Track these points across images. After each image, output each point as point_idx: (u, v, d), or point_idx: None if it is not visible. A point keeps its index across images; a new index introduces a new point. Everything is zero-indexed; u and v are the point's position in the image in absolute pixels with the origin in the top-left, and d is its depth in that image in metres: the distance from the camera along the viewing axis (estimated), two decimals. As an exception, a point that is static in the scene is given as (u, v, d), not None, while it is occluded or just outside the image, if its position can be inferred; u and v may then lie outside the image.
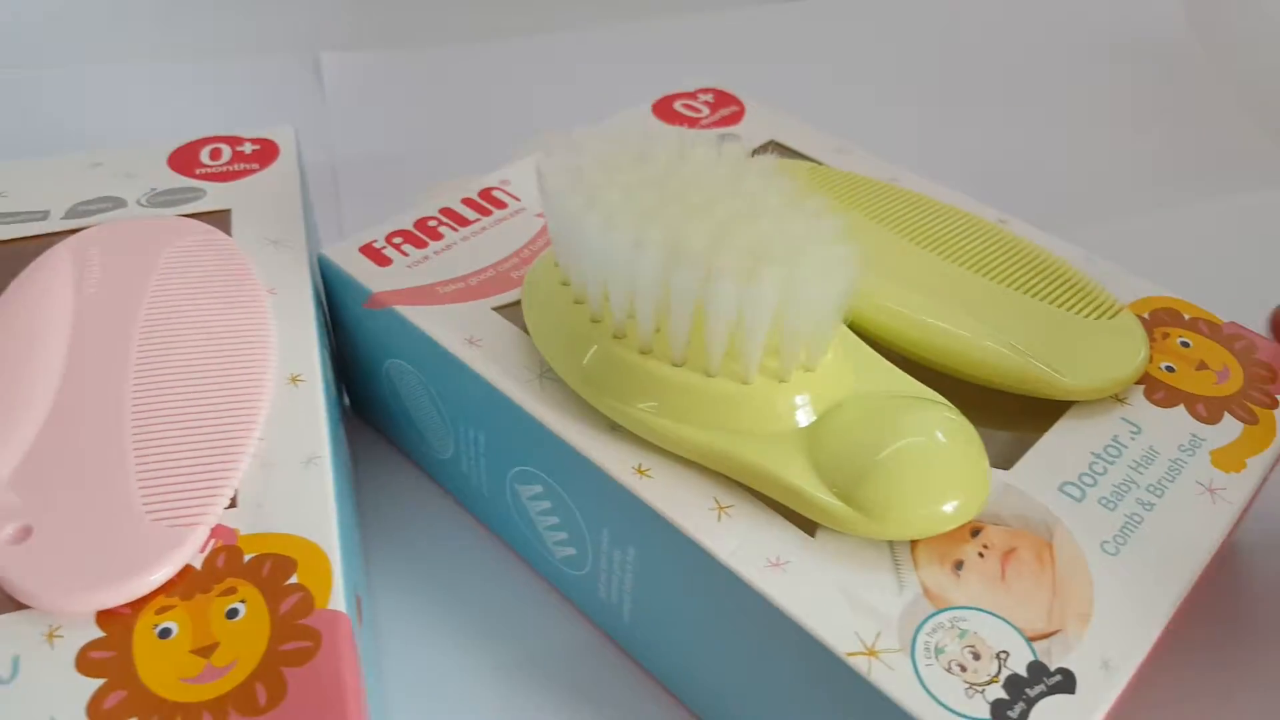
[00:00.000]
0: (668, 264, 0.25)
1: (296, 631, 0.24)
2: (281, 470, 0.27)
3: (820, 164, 0.39)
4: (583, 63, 0.65)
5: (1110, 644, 0.23)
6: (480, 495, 0.34)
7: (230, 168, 0.38)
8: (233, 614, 0.24)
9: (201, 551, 0.25)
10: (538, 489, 0.30)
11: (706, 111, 0.43)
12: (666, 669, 0.30)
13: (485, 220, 0.36)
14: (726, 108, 0.43)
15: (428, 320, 0.31)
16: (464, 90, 0.62)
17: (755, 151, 0.39)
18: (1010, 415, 0.29)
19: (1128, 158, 0.59)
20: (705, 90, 0.44)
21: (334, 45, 0.64)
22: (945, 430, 0.26)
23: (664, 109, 0.43)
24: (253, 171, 0.38)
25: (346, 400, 0.40)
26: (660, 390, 0.27)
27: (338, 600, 0.24)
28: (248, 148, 0.39)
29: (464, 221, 0.35)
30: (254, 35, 0.66)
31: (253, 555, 0.25)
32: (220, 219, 0.36)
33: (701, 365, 0.26)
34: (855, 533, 0.25)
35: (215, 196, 0.37)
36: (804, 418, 0.27)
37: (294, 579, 0.25)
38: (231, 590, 0.24)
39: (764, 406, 0.26)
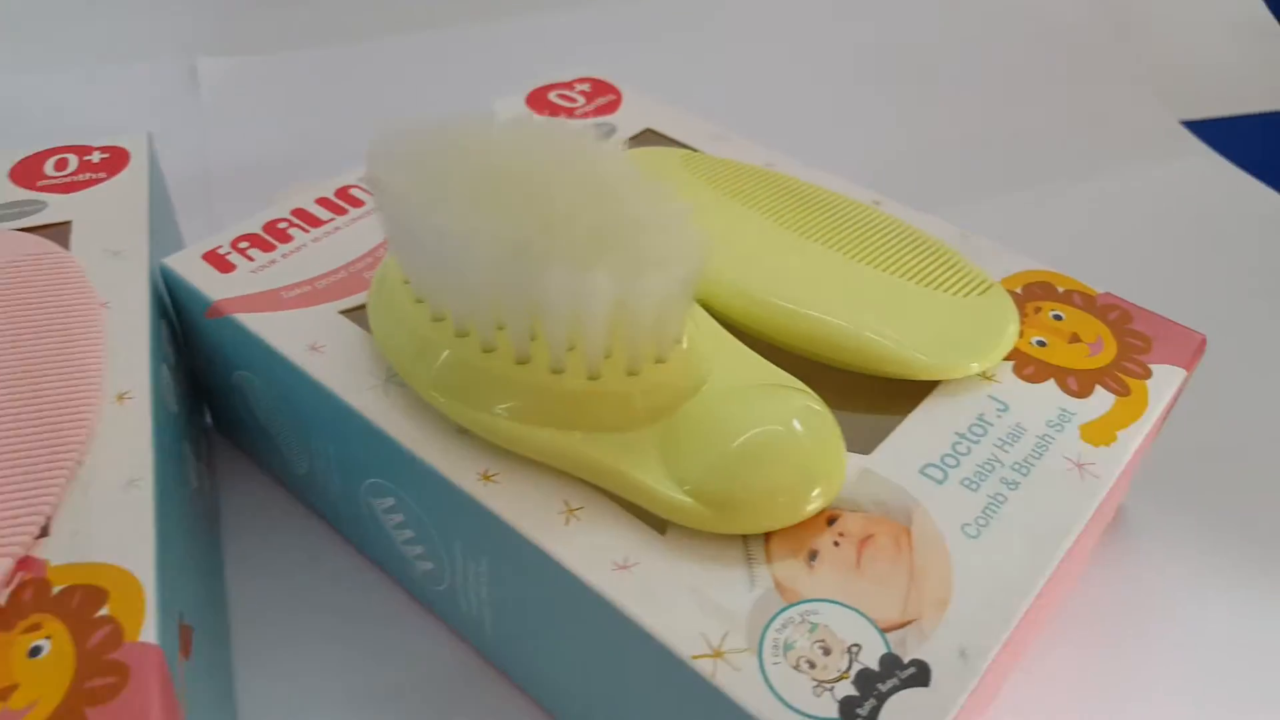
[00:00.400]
0: (500, 255, 0.23)
1: (103, 667, 0.22)
2: (99, 495, 0.25)
3: (695, 150, 0.38)
4: (463, 59, 0.63)
5: (968, 632, 0.22)
6: (339, 510, 0.33)
7: (75, 178, 0.36)
8: (35, 652, 0.22)
9: (5, 587, 0.23)
10: (390, 502, 0.29)
11: (582, 101, 0.42)
12: (533, 681, 0.29)
13: (340, 220, 0.34)
14: (603, 97, 0.42)
15: (268, 328, 0.30)
16: (343, 92, 0.60)
17: (630, 140, 0.39)
18: (875, 398, 0.28)
19: (1010, 135, 0.58)
20: (582, 80, 0.43)
21: (211, 50, 0.62)
22: (799, 417, 0.25)
23: (538, 100, 0.42)
24: (99, 181, 0.36)
25: (209, 417, 0.39)
26: (505, 391, 0.25)
27: (149, 632, 0.23)
28: (96, 156, 0.37)
29: (316, 222, 0.34)
30: (129, 41, 0.64)
31: (62, 587, 0.23)
32: (60, 232, 0.34)
33: (546, 362, 0.25)
34: (705, 529, 0.24)
35: (57, 208, 0.35)
36: (658, 411, 0.25)
37: (104, 611, 0.23)
38: (36, 627, 0.22)
39: (613, 402, 0.25)
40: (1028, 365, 0.29)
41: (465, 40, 0.65)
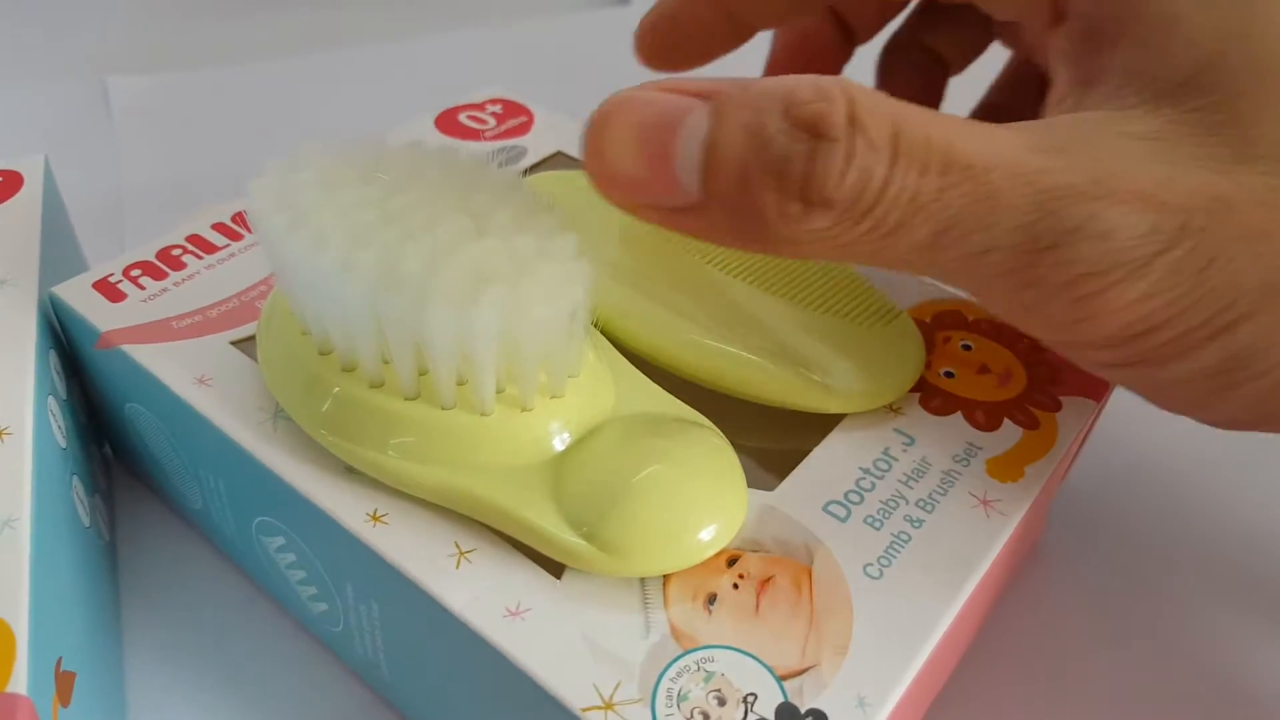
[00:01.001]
0: (378, 289, 0.22)
1: (-34, 720, 0.21)
2: (-32, 538, 0.24)
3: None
4: (376, 77, 0.62)
5: (867, 679, 0.21)
6: (236, 548, 0.31)
7: (-37, 202, 0.35)
8: (-109, 712, 0.21)
9: None
10: (281, 540, 0.28)
11: (493, 123, 0.41)
12: (433, 726, 0.28)
13: (235, 245, 0.33)
14: (515, 118, 0.41)
15: (156, 359, 0.28)
16: (257, 110, 0.59)
17: (539, 163, 0.38)
18: (780, 431, 0.28)
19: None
20: (494, 101, 0.42)
21: (121, 69, 0.61)
22: (698, 453, 0.24)
23: (448, 121, 0.41)
24: (-11, 207, 0.35)
25: (108, 449, 0.37)
26: (393, 427, 0.24)
27: (19, 682, 0.21)
28: (-13, 181, 0.36)
29: (211, 248, 0.33)
30: (36, 60, 0.62)
31: (-74, 636, 0.22)
32: (-57, 259, 0.32)
33: (435, 398, 0.24)
34: (600, 572, 0.23)
35: (-59, 235, 0.33)
36: (553, 447, 0.24)
37: (-29, 660, 0.22)
38: (-108, 684, 0.21)
39: (505, 439, 0.24)
40: (935, 397, 0.28)
41: (379, 59, 0.64)
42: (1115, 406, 0.31)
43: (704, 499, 0.24)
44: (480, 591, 0.23)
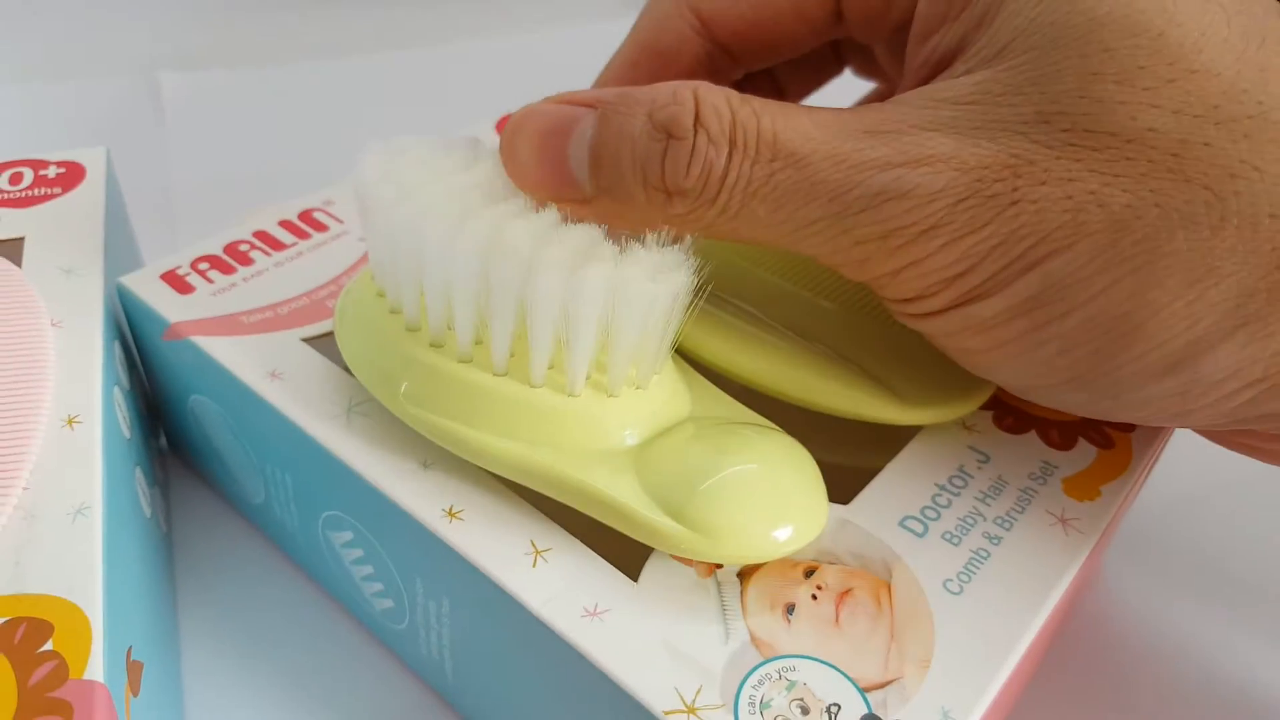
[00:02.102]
0: (487, 255, 0.22)
1: (45, 705, 0.21)
2: (45, 523, 0.24)
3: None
4: (430, 81, 0.63)
5: (951, 692, 0.21)
6: (297, 543, 0.31)
7: (30, 193, 0.35)
8: (-27, 689, 0.21)
9: (-57, 619, 0.22)
10: (349, 535, 0.28)
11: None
12: (493, 729, 0.28)
13: (303, 244, 0.33)
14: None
15: (227, 352, 0.28)
16: (308, 110, 0.59)
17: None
18: (853, 446, 0.27)
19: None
20: (555, 109, 0.42)
21: (173, 65, 0.61)
22: (780, 453, 0.24)
23: (509, 129, 0.41)
24: (54, 196, 0.35)
25: (164, 441, 0.37)
26: (479, 402, 0.24)
27: (95, 669, 0.21)
28: (52, 172, 0.36)
29: (279, 245, 0.33)
30: (90, 56, 0.62)
31: (4, 620, 0.22)
32: (13, 248, 0.32)
33: (524, 375, 0.24)
34: (685, 552, 0.23)
35: (9, 224, 0.33)
36: (633, 437, 0.24)
37: (49, 645, 0.22)
38: (-26, 663, 0.21)
39: (590, 422, 0.24)
40: (1008, 415, 0.28)
41: (430, 63, 0.64)
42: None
43: (789, 495, 0.23)
44: (558, 591, 0.23)
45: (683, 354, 0.28)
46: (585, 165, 0.23)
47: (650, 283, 0.22)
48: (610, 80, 0.31)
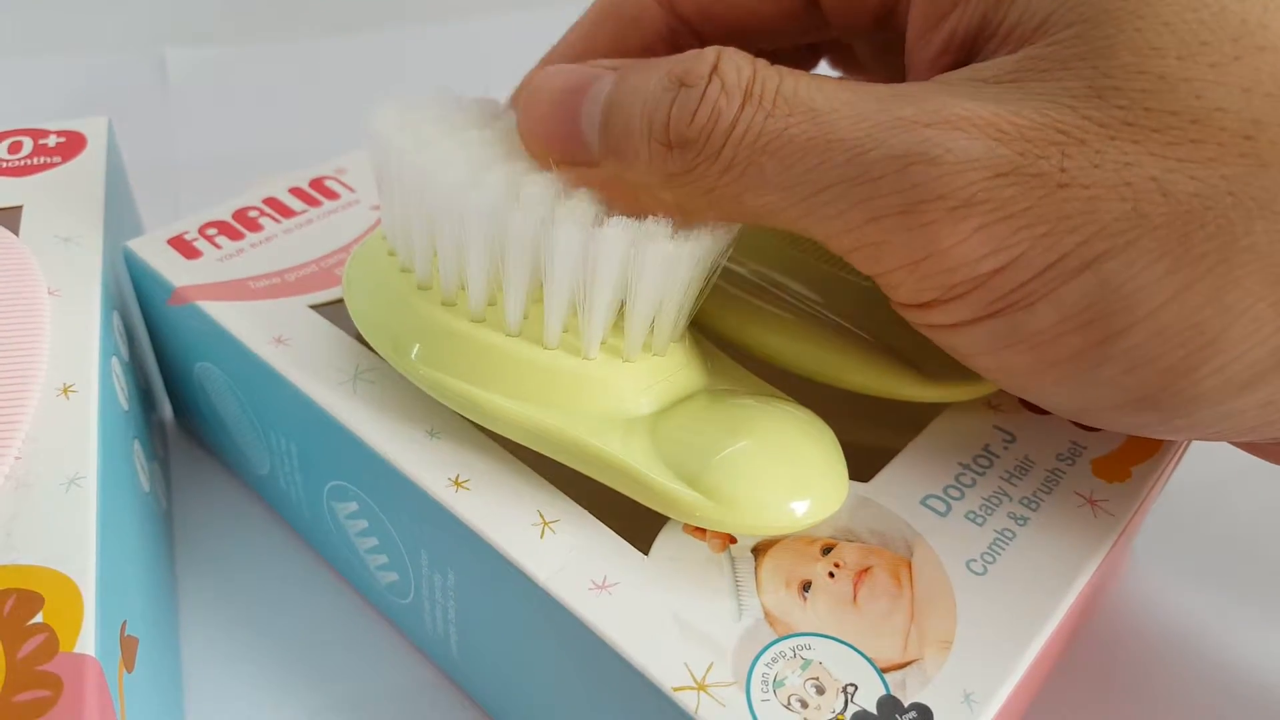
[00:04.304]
0: (503, 206, 0.21)
1: (35, 679, 0.20)
2: (37, 493, 0.23)
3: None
4: (439, 57, 0.62)
5: (973, 675, 0.20)
6: (301, 515, 0.31)
7: (29, 161, 0.34)
8: (-39, 662, 0.20)
9: (-69, 588, 0.21)
10: (354, 506, 0.27)
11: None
12: (499, 704, 0.27)
13: (313, 212, 0.32)
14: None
15: (232, 317, 0.28)
16: (314, 86, 0.59)
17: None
18: (874, 425, 0.26)
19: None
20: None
21: (179, 40, 0.61)
22: (801, 429, 0.23)
23: (527, 103, 0.40)
24: (54, 165, 0.34)
25: (169, 410, 0.37)
26: (492, 362, 0.23)
27: (87, 642, 0.21)
28: (52, 140, 0.35)
29: (289, 213, 0.32)
30: (96, 31, 0.62)
31: (-7, 593, 0.21)
32: (10, 216, 0.32)
33: (538, 336, 0.23)
34: (701, 522, 0.22)
35: (6, 192, 0.33)
36: (648, 404, 0.23)
37: (39, 618, 0.21)
38: (-39, 633, 0.20)
39: (605, 386, 0.23)
40: (1036, 395, 0.27)
41: (438, 38, 0.64)
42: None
43: (807, 467, 0.23)
44: (566, 562, 0.22)
45: (701, 329, 0.27)
46: (596, 125, 0.22)
47: (672, 242, 0.22)
48: (561, 55, 0.29)
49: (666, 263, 0.22)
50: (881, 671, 0.20)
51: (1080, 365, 0.20)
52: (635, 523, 0.23)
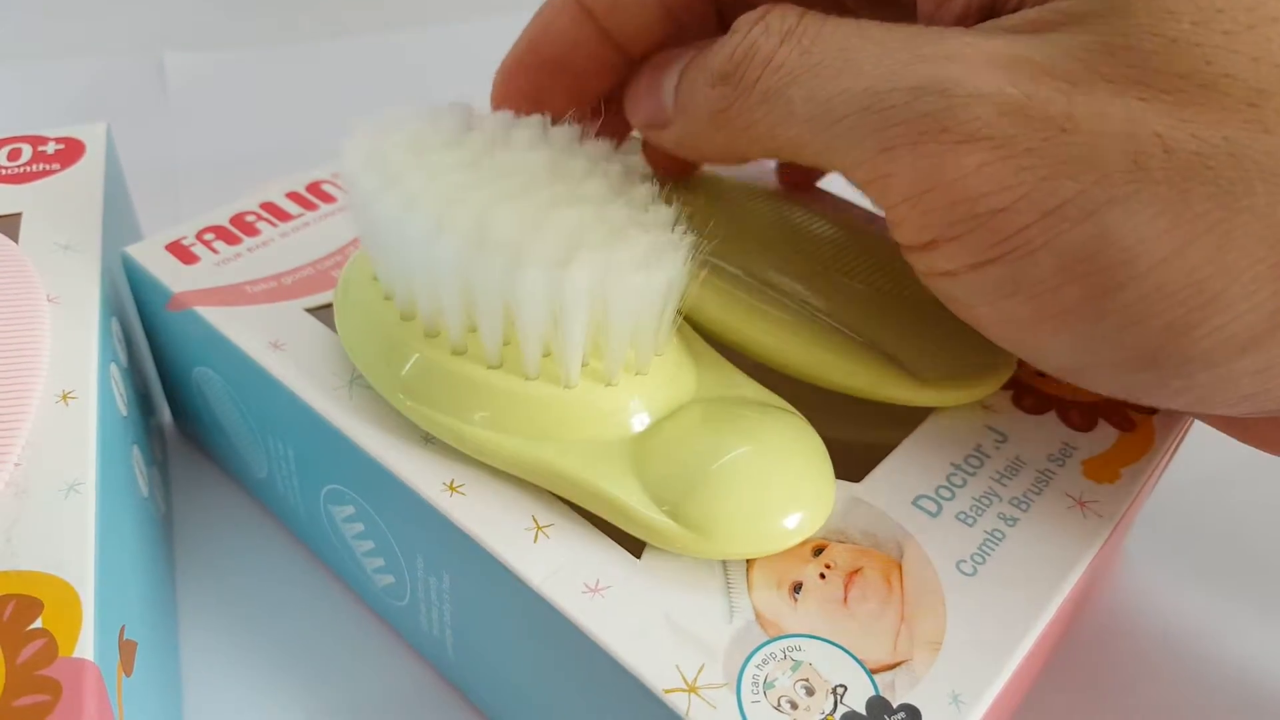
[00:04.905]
0: (469, 250, 0.22)
1: (34, 684, 0.20)
2: (36, 499, 0.23)
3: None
4: (437, 60, 0.62)
5: (961, 675, 0.21)
6: (299, 519, 0.31)
7: (28, 168, 0.34)
8: (-40, 668, 0.20)
9: (-69, 594, 0.21)
10: (350, 510, 0.27)
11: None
12: (495, 706, 0.27)
13: (309, 215, 0.33)
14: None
15: (229, 322, 0.28)
16: (312, 91, 0.59)
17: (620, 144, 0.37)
18: (866, 423, 0.27)
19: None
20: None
21: (178, 45, 0.61)
22: (786, 439, 0.23)
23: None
24: (52, 172, 0.34)
25: (168, 414, 0.37)
26: (474, 395, 0.24)
27: (86, 647, 0.21)
28: (50, 148, 0.35)
29: (285, 216, 0.32)
30: (95, 36, 0.62)
31: (-7, 598, 0.21)
32: (9, 223, 0.32)
33: (519, 367, 0.23)
34: (683, 551, 0.22)
35: (5, 199, 0.33)
36: (634, 425, 0.24)
37: (38, 623, 0.21)
38: (-39, 638, 0.21)
39: (587, 412, 0.24)
40: (1027, 395, 0.27)
41: (437, 41, 0.64)
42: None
43: (792, 484, 0.23)
44: (559, 566, 0.22)
45: (695, 327, 0.27)
46: (672, 87, 0.25)
47: (639, 275, 0.22)
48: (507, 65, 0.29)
49: (636, 295, 0.22)
50: (871, 672, 0.20)
51: (1079, 318, 0.20)
52: (628, 525, 0.23)
